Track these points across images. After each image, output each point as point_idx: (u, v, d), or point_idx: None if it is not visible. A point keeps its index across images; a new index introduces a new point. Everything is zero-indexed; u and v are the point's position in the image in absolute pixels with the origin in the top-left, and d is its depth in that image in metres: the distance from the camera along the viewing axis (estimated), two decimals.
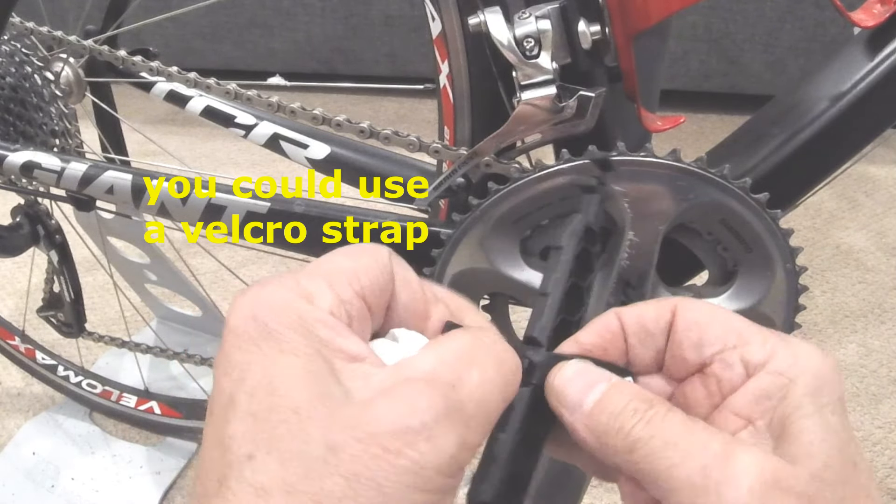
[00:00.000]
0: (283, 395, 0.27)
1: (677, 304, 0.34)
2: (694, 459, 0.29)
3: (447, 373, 0.29)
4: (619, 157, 0.52)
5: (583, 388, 0.32)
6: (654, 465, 0.29)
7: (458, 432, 0.27)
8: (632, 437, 0.30)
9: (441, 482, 0.27)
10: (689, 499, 0.28)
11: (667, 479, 0.29)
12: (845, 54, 0.58)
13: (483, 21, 0.53)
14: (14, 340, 1.12)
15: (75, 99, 0.90)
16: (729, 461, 0.28)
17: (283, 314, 0.29)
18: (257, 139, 0.78)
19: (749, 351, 0.32)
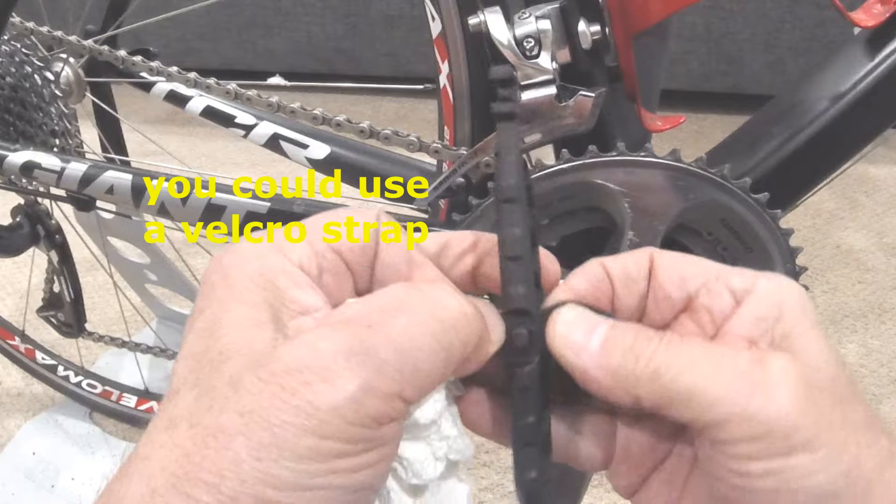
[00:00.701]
0: (218, 337, 0.28)
1: (652, 251, 0.34)
2: (728, 369, 0.28)
3: (368, 316, 0.28)
4: (617, 156, 0.52)
5: (587, 329, 0.31)
6: (686, 381, 0.28)
7: (363, 376, 0.26)
8: (654, 362, 0.29)
9: (341, 429, 0.26)
10: (732, 407, 0.28)
11: (703, 393, 0.28)
12: (845, 54, 0.58)
13: (483, 21, 0.53)
14: (14, 340, 1.12)
15: (75, 99, 0.90)
16: (764, 365, 0.28)
17: (247, 265, 0.29)
18: (257, 139, 0.78)
19: (732, 280, 0.32)
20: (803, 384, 0.28)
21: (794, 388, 0.28)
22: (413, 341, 0.27)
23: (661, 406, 0.29)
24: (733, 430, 0.28)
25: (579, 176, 0.53)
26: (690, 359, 0.29)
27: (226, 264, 0.30)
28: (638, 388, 0.29)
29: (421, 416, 0.30)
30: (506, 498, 1.03)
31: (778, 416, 0.27)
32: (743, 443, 0.28)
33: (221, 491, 0.25)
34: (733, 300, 0.31)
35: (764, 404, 0.28)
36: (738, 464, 0.28)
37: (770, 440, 0.27)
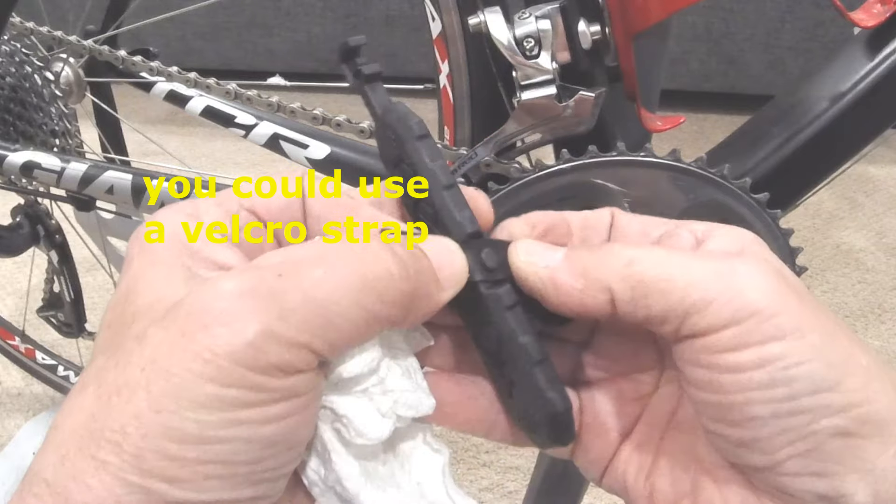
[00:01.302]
0: (131, 302, 0.28)
1: (613, 209, 0.33)
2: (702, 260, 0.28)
3: (280, 265, 0.26)
4: (617, 156, 0.52)
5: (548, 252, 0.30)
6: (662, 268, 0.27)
7: (264, 320, 0.25)
8: (626, 254, 0.28)
9: (242, 376, 0.24)
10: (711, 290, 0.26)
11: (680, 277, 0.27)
12: (845, 54, 0.58)
13: (483, 21, 0.53)
14: (14, 340, 1.12)
15: (75, 99, 0.90)
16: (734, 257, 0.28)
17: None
18: (257, 139, 0.78)
19: (692, 226, 0.31)
20: (777, 274, 0.27)
21: (770, 275, 0.27)
22: (328, 294, 0.26)
23: (636, 299, 0.28)
24: (716, 314, 0.26)
25: (579, 176, 0.53)
26: (663, 252, 0.28)
27: (142, 235, 0.30)
28: (612, 278, 0.28)
29: (344, 371, 0.28)
30: (506, 498, 1.03)
31: (759, 297, 0.26)
32: (728, 328, 0.26)
33: (124, 449, 0.24)
34: (695, 240, 0.31)
35: (744, 286, 0.26)
36: (728, 357, 0.26)
37: (756, 322, 0.26)
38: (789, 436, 0.26)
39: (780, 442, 0.26)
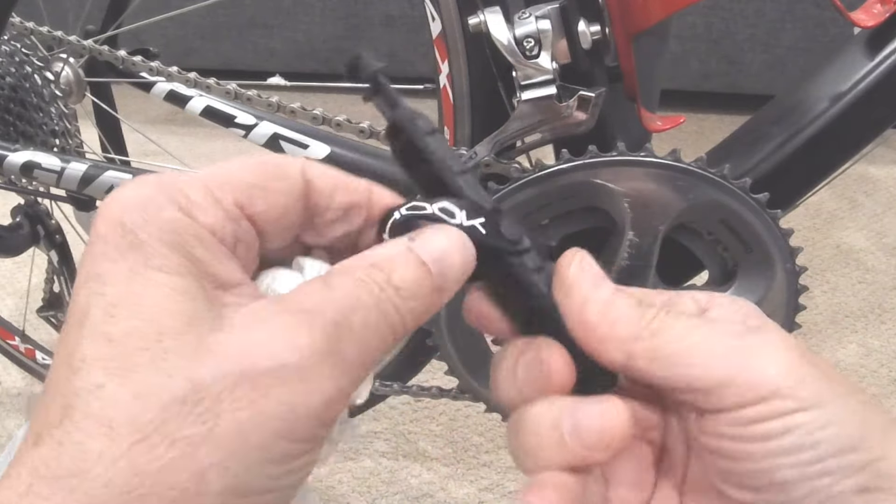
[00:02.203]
0: (147, 317, 0.24)
1: None
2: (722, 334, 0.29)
3: (331, 312, 0.25)
4: (617, 156, 0.52)
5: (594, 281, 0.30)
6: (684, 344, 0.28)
7: (336, 377, 0.25)
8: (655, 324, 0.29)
9: (312, 432, 0.25)
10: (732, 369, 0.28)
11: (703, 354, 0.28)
12: (845, 54, 0.58)
13: (483, 21, 0.53)
14: (14, 340, 1.12)
15: (75, 99, 0.90)
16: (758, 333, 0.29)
17: (155, 223, 0.25)
18: (257, 139, 0.78)
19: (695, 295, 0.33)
20: (796, 349, 0.29)
21: (789, 351, 0.28)
22: (366, 342, 0.26)
23: (654, 367, 0.29)
24: (740, 393, 0.28)
25: (579, 176, 0.53)
26: (687, 325, 0.29)
27: (128, 223, 0.25)
28: (634, 345, 0.29)
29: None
30: (505, 498, 1.03)
31: (779, 375, 0.28)
32: (750, 406, 0.27)
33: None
34: (697, 308, 0.32)
35: (764, 365, 0.28)
36: (754, 428, 0.27)
37: (778, 399, 0.27)
38: (816, 497, 0.27)
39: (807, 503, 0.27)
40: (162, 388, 0.23)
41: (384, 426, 1.12)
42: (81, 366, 0.24)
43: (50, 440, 0.23)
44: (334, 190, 0.30)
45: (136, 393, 0.23)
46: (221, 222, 0.26)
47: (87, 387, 0.23)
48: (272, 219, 0.28)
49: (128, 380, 0.23)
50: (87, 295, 0.25)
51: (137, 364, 0.23)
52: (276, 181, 0.28)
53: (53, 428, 0.23)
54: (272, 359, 0.24)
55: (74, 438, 0.23)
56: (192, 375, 0.23)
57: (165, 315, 0.24)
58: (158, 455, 0.23)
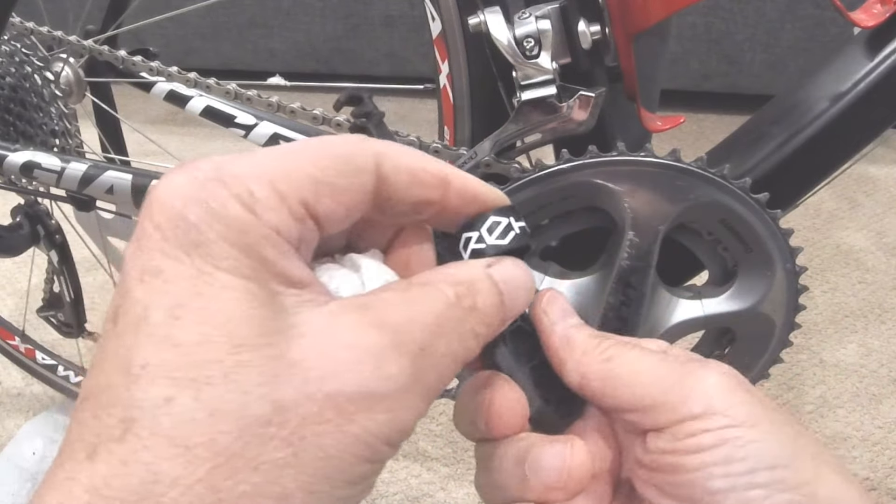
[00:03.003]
0: (218, 324, 0.22)
1: None
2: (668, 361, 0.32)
3: (418, 334, 0.25)
4: (617, 156, 0.52)
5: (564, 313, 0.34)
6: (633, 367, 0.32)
7: (417, 404, 0.25)
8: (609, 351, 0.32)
9: (387, 454, 0.25)
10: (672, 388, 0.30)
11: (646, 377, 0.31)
12: (845, 54, 0.58)
13: (483, 21, 0.53)
14: (14, 340, 1.12)
15: (75, 99, 0.90)
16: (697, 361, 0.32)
17: (222, 221, 0.23)
18: (257, 139, 0.78)
19: None
20: (734, 378, 0.31)
21: (727, 378, 0.31)
22: (446, 369, 0.26)
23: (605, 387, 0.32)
24: (674, 409, 0.30)
25: (579, 176, 0.53)
26: (637, 354, 0.32)
27: (190, 214, 0.23)
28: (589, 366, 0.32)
29: None
30: None
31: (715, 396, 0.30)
32: (685, 422, 0.29)
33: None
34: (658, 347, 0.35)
35: (699, 386, 0.30)
36: (689, 441, 0.29)
37: (712, 416, 0.29)
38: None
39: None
40: (242, 406, 0.21)
41: None
42: (142, 373, 0.22)
43: (110, 457, 0.21)
44: (409, 186, 0.27)
45: (212, 410, 0.21)
46: (287, 222, 0.24)
47: (153, 399, 0.21)
48: (338, 218, 0.26)
49: (202, 394, 0.21)
50: (145, 292, 0.22)
51: (211, 377, 0.21)
52: (345, 178, 0.25)
53: (113, 443, 0.21)
54: (360, 385, 0.23)
55: (142, 458, 0.21)
56: (275, 396, 0.22)
57: (238, 323, 0.22)
58: (241, 480, 0.21)
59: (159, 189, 0.23)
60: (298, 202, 0.24)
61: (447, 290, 0.26)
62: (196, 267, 0.22)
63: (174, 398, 0.21)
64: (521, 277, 0.29)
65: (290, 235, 0.24)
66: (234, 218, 0.23)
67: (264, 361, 0.22)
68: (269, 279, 0.23)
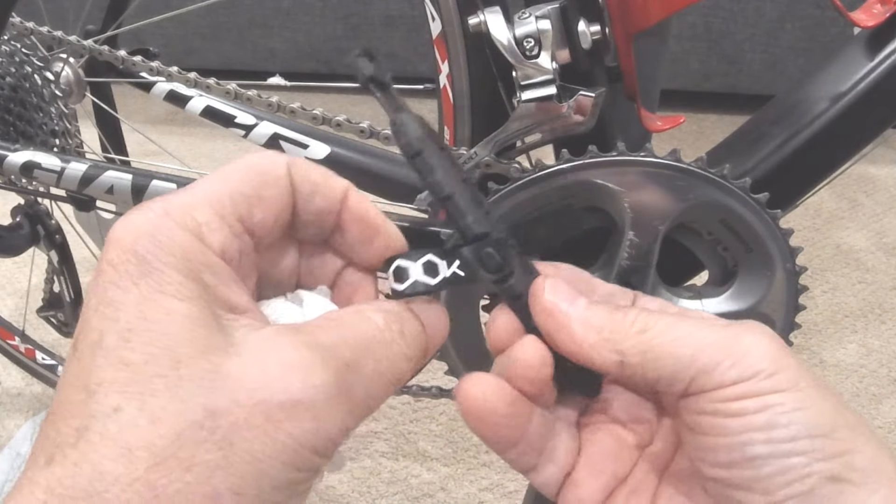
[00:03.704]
0: (163, 345, 0.24)
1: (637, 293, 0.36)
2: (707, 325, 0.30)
3: (346, 352, 0.27)
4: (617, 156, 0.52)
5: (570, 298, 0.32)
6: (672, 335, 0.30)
7: (343, 416, 0.26)
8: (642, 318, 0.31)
9: (316, 463, 0.26)
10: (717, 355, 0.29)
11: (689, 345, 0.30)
12: (845, 54, 0.58)
13: (483, 21, 0.53)
14: (14, 340, 1.12)
15: (75, 99, 0.90)
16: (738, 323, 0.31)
17: (167, 249, 0.26)
18: (257, 139, 0.78)
19: None
20: (778, 343, 0.30)
21: (770, 341, 0.30)
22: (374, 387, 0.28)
23: (646, 361, 0.30)
24: (722, 374, 0.29)
25: (579, 176, 0.53)
26: (671, 320, 0.31)
27: (141, 251, 0.26)
28: (624, 342, 0.31)
29: None
30: (506, 498, 1.03)
31: (760, 359, 0.29)
32: (733, 385, 0.29)
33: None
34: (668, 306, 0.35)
35: (747, 351, 0.29)
36: (732, 405, 0.29)
37: (757, 379, 0.29)
38: (787, 476, 0.28)
39: (778, 483, 0.28)
40: (178, 413, 0.24)
41: (384, 426, 1.12)
42: (98, 389, 0.24)
43: (65, 461, 0.24)
44: (313, 194, 0.31)
45: (153, 418, 0.24)
46: (229, 240, 0.28)
47: (104, 410, 0.24)
48: (268, 227, 0.29)
49: (146, 404, 0.24)
50: (99, 320, 0.25)
51: (155, 390, 0.24)
52: (268, 189, 0.29)
53: (69, 448, 0.24)
54: (287, 393, 0.25)
55: (91, 459, 0.23)
56: (208, 403, 0.24)
57: (180, 342, 0.25)
58: (175, 479, 0.23)
59: (115, 228, 0.27)
60: (236, 220, 0.28)
61: (376, 315, 0.29)
62: (143, 294, 0.25)
63: (122, 408, 0.24)
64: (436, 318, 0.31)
65: (232, 253, 0.28)
66: (179, 246, 0.26)
67: (202, 374, 0.25)
68: (211, 302, 0.26)
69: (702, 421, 0.30)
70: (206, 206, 0.28)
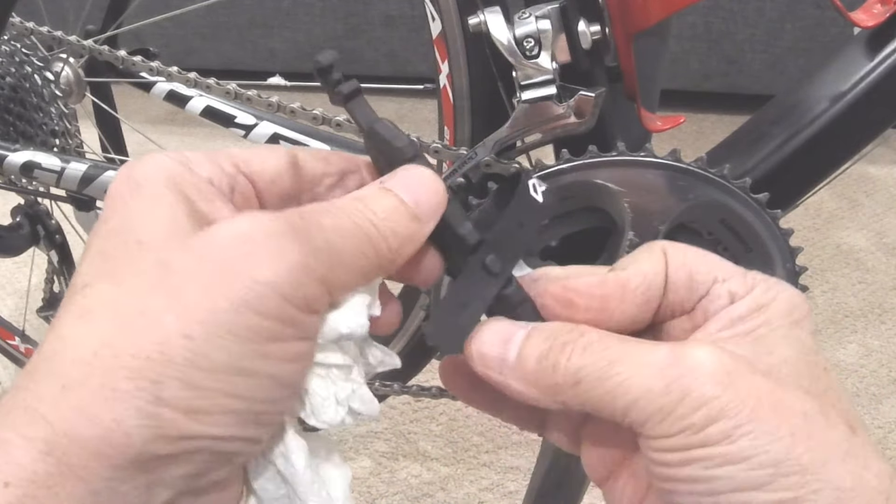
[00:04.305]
0: (133, 232, 0.26)
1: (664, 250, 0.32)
2: (647, 366, 0.28)
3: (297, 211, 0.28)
4: (617, 156, 0.52)
5: (503, 340, 0.30)
6: (606, 386, 0.28)
7: (303, 253, 0.26)
8: (572, 368, 0.28)
9: (278, 306, 0.25)
10: (653, 404, 0.27)
11: (624, 394, 0.28)
12: (845, 54, 0.58)
13: (483, 21, 0.53)
14: (14, 340, 1.12)
15: (75, 99, 0.90)
16: (683, 357, 0.28)
17: (157, 174, 0.28)
18: (257, 139, 0.78)
19: (734, 283, 0.31)
20: (725, 374, 0.27)
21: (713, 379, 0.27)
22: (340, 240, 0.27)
23: (588, 409, 0.29)
24: (653, 427, 0.27)
25: (579, 176, 0.53)
26: (609, 359, 0.28)
27: (135, 176, 0.28)
28: (561, 394, 0.29)
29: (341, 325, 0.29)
30: (506, 498, 1.03)
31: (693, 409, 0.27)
32: (665, 438, 0.27)
33: (144, 375, 0.24)
34: (729, 302, 0.31)
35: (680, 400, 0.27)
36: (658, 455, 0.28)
37: (685, 435, 0.27)
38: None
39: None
40: (133, 270, 0.25)
41: (384, 426, 1.12)
42: (75, 279, 0.27)
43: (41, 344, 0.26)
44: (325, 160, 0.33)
45: (113, 283, 0.26)
46: (218, 174, 0.29)
47: (74, 290, 0.26)
48: (266, 180, 0.31)
49: (108, 275, 0.26)
50: (92, 236, 0.28)
51: (118, 264, 0.26)
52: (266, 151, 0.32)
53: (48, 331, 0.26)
54: (237, 234, 0.26)
55: (57, 333, 0.25)
56: (162, 256, 0.25)
57: (149, 229, 0.26)
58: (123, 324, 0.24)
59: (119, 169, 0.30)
60: (230, 163, 0.30)
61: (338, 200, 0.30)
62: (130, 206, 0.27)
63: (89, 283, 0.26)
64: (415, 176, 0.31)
65: (222, 184, 0.29)
66: (167, 169, 0.28)
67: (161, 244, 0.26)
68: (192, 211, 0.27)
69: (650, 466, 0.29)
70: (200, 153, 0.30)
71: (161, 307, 0.24)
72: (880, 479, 0.27)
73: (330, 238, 0.27)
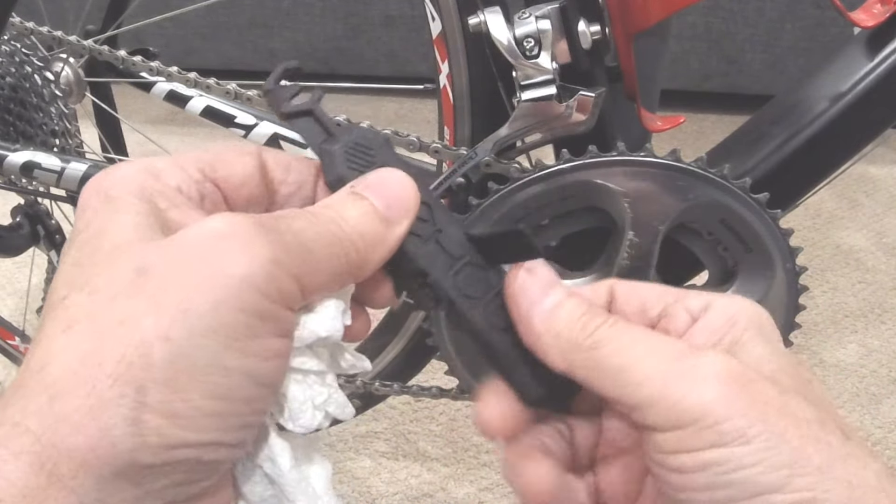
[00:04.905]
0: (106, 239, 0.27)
1: (612, 283, 0.34)
2: (662, 353, 0.29)
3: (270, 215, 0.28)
4: (617, 156, 0.52)
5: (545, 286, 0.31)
6: (620, 359, 0.29)
7: (275, 249, 0.26)
8: (596, 336, 0.30)
9: (254, 300, 0.26)
10: (657, 389, 0.28)
11: (632, 371, 0.28)
12: (845, 54, 0.58)
13: (483, 21, 0.53)
14: (14, 340, 1.12)
15: (75, 99, 0.90)
16: (696, 355, 0.28)
17: (126, 184, 0.29)
18: (257, 139, 0.78)
19: (689, 302, 0.32)
20: (735, 376, 0.28)
21: (723, 378, 0.28)
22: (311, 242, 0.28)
23: (592, 378, 0.29)
24: (659, 414, 0.28)
25: (579, 176, 0.53)
26: (630, 339, 0.29)
27: (105, 187, 0.29)
28: (574, 355, 0.30)
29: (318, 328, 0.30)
30: (506, 498, 1.03)
31: (703, 402, 0.27)
32: (671, 431, 0.27)
33: (127, 381, 0.24)
34: (690, 318, 0.31)
35: (689, 390, 0.27)
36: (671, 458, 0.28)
37: (697, 428, 0.27)
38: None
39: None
40: (111, 280, 0.26)
41: (384, 426, 1.12)
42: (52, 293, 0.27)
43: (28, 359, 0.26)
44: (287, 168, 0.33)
45: (90, 292, 0.26)
46: (186, 182, 0.30)
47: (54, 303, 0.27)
48: (234, 185, 0.31)
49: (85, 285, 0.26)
50: (67, 246, 0.28)
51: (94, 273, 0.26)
52: (233, 155, 0.32)
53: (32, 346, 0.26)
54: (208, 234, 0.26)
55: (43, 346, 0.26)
56: (136, 261, 0.26)
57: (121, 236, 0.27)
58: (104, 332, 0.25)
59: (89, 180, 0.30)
60: (197, 170, 0.31)
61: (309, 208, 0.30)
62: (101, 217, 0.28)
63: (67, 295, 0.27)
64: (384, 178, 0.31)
65: (191, 192, 0.30)
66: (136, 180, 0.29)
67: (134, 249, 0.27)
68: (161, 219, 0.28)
69: (652, 468, 0.29)
70: (168, 160, 0.31)
71: (139, 311, 0.25)
72: (879, 477, 0.27)
73: (301, 239, 0.28)
